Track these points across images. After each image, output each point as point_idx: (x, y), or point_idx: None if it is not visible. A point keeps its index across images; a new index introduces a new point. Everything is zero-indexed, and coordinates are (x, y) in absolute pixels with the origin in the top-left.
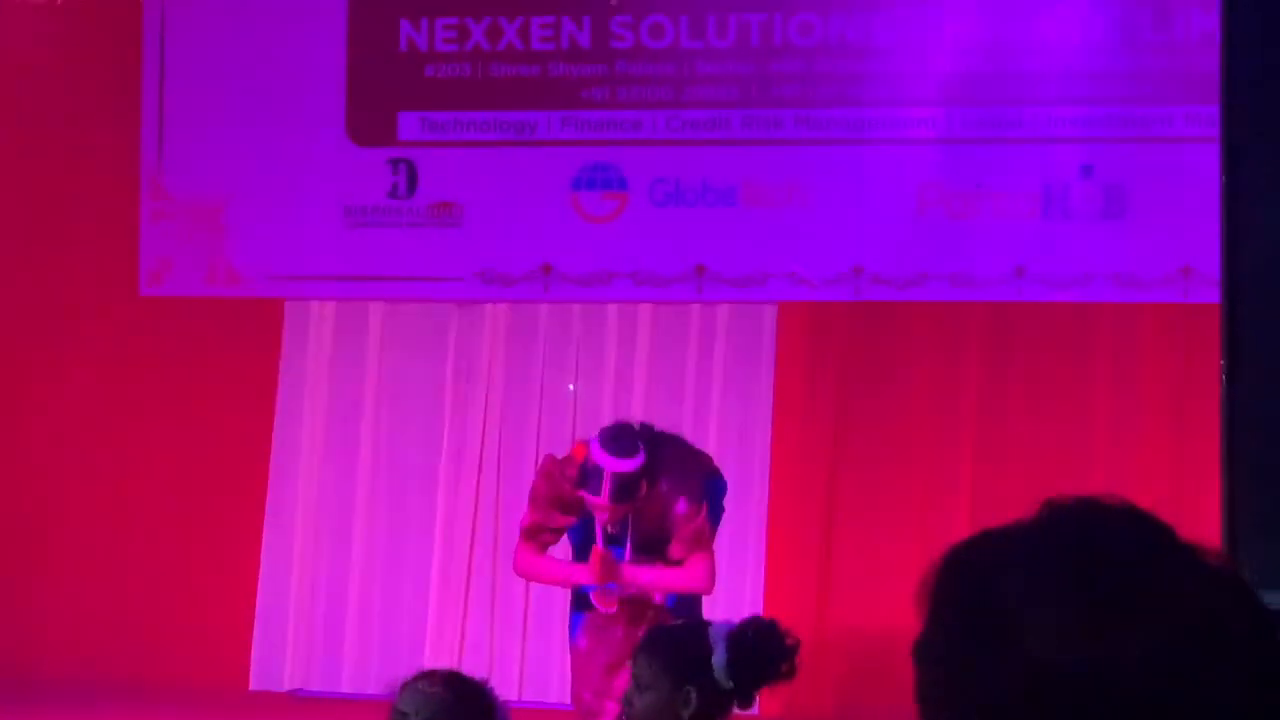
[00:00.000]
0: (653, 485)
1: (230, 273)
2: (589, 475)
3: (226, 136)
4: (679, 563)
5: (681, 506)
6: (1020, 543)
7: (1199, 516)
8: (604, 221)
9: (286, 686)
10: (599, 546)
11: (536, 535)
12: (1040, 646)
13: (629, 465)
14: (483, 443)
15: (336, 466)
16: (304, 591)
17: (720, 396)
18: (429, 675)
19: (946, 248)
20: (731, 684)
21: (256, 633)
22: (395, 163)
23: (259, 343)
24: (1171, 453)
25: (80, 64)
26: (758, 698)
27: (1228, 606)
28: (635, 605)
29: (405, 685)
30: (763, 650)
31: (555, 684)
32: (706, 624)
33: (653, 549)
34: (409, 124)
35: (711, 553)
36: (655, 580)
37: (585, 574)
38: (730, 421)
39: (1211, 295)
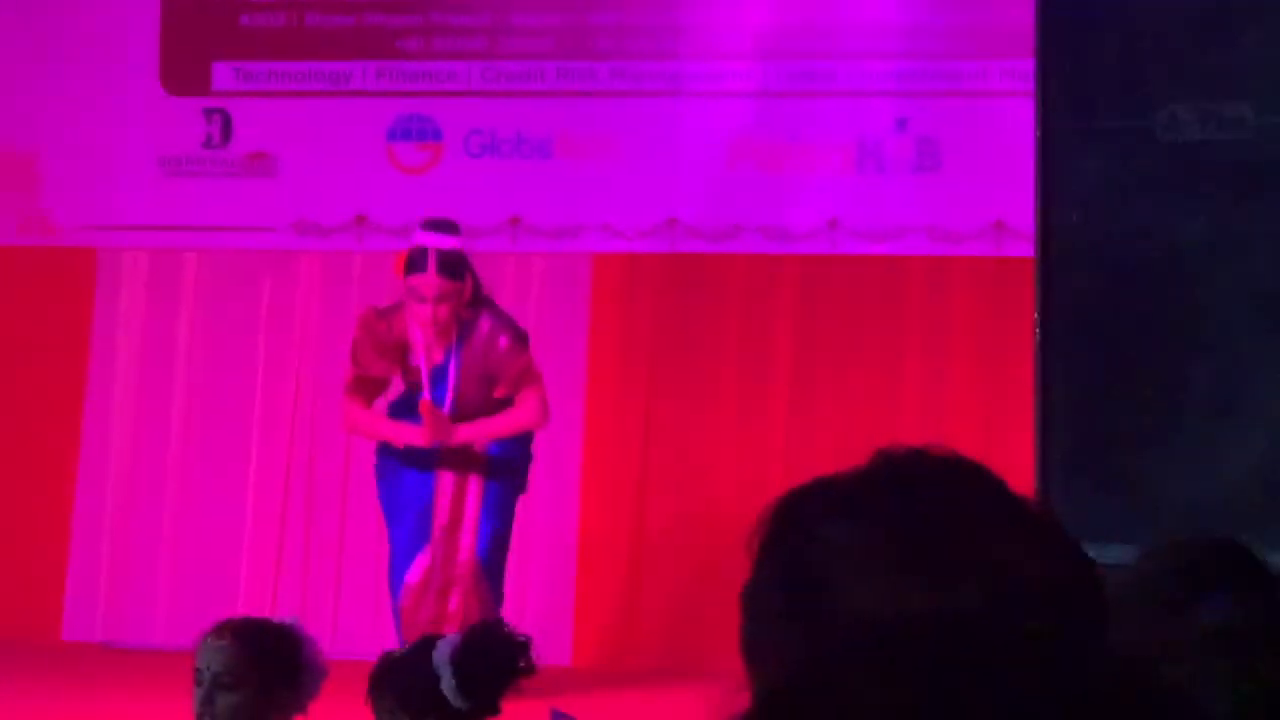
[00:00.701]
0: (476, 307)
1: (44, 222)
2: (414, 261)
3: (39, 85)
4: (507, 402)
5: (504, 342)
6: (846, 492)
7: (1010, 468)
8: (419, 172)
9: (99, 638)
10: (426, 397)
11: (361, 388)
12: (859, 598)
13: (452, 242)
14: (296, 393)
15: (149, 416)
16: (116, 542)
17: (534, 348)
18: (219, 628)
19: (760, 200)
20: (469, 702)
21: (69, 583)
22: (209, 112)
23: (72, 292)
24: (983, 405)
25: None
26: (502, 703)
27: (1051, 559)
28: (460, 455)
29: (200, 639)
30: (490, 660)
31: (370, 635)
32: (430, 645)
33: (475, 412)
34: (223, 74)
35: (540, 386)
36: (487, 429)
37: (415, 433)
38: (544, 373)
39: (1023, 249)
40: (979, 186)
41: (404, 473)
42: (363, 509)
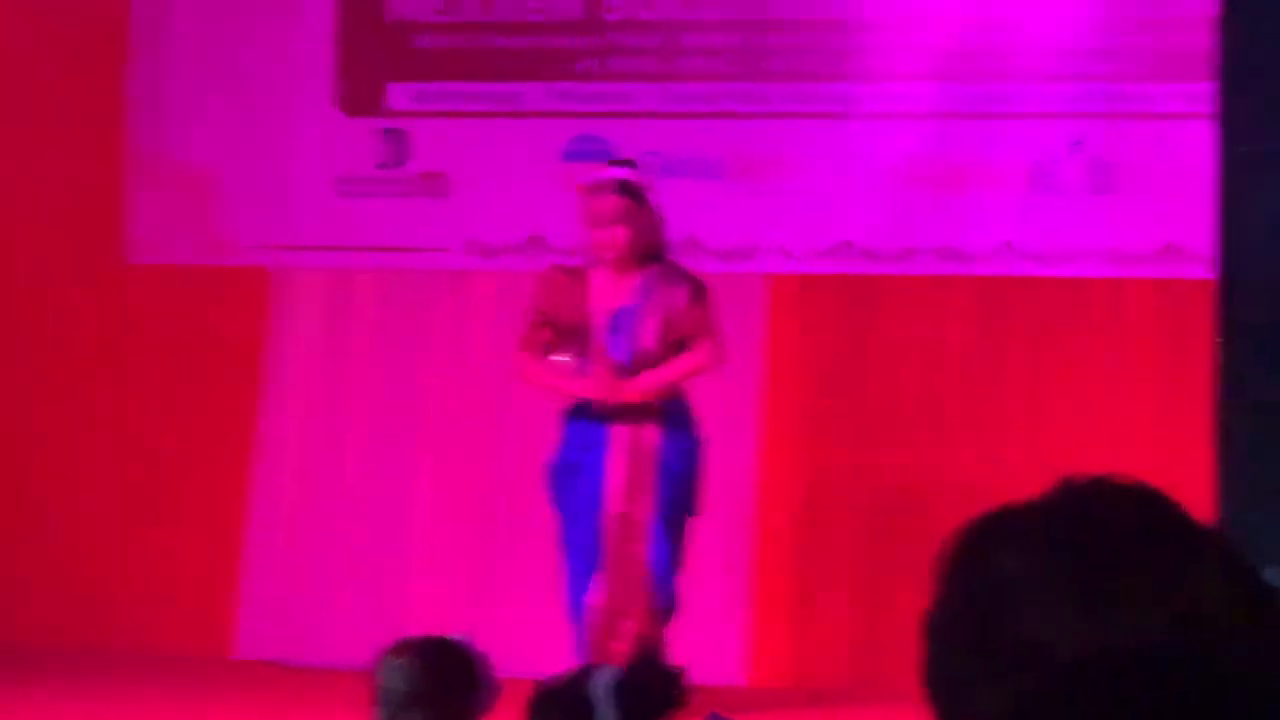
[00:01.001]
0: (656, 258)
1: (218, 241)
2: (594, 185)
3: (216, 105)
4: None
5: (683, 295)
6: (1027, 521)
7: (1187, 491)
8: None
9: (270, 655)
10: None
11: (535, 337)
12: (1037, 628)
13: (630, 173)
14: (468, 411)
15: (323, 434)
16: (289, 559)
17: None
18: (399, 646)
19: (935, 222)
20: None
21: (240, 601)
22: (385, 133)
23: (247, 312)
24: (1160, 427)
25: (66, 29)
26: None
27: (1236, 588)
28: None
29: (380, 657)
30: (649, 695)
31: (539, 653)
32: (589, 676)
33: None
34: (398, 94)
35: (718, 333)
36: (659, 377)
37: (588, 386)
38: (718, 393)
39: (1196, 271)
40: (1153, 208)
41: (578, 483)
42: (533, 525)
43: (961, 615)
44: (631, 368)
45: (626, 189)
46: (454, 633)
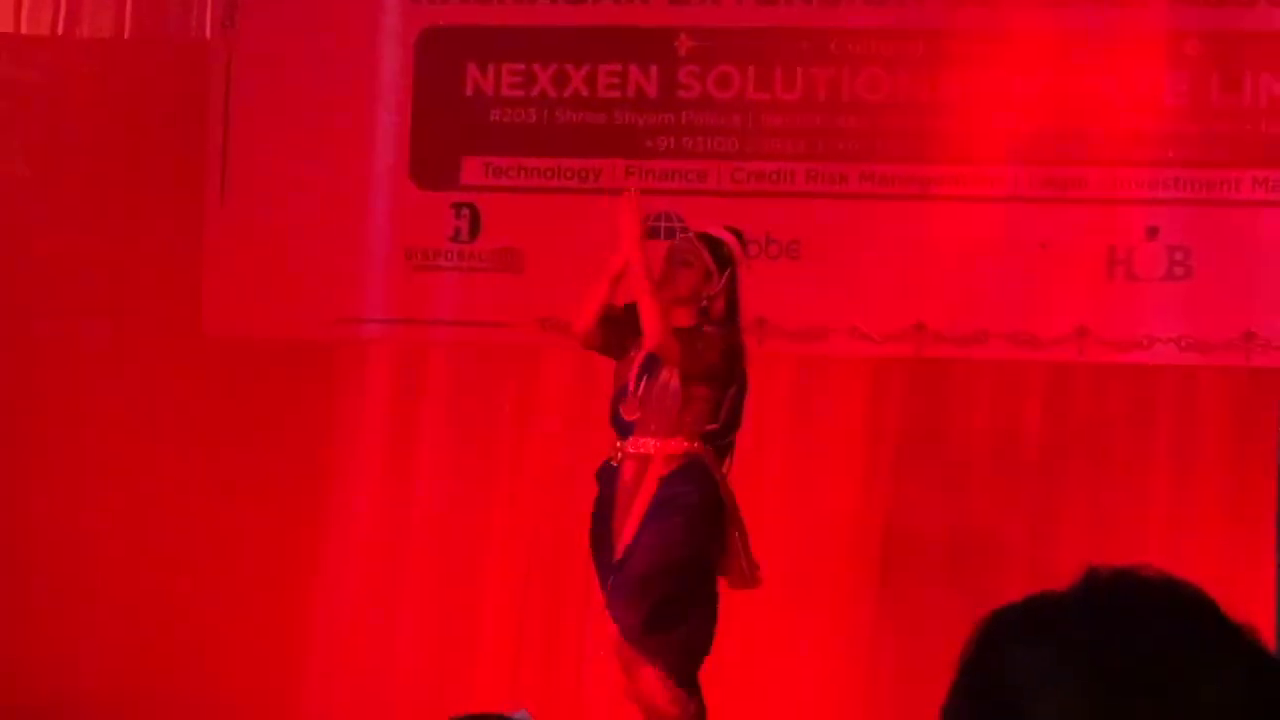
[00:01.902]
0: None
1: (291, 312)
2: None
3: (289, 175)
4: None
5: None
6: (1045, 612)
7: (1254, 586)
8: None
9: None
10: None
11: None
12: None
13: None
14: (539, 488)
15: (392, 508)
16: (357, 635)
17: (781, 451)
18: None
19: (1009, 306)
20: None
21: (308, 672)
22: (458, 206)
23: (318, 385)
24: (1229, 519)
25: (144, 100)
26: None
27: (1254, 690)
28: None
29: None
30: None
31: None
32: None
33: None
34: (473, 168)
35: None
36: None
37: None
38: (789, 476)
39: (1273, 360)
40: (1230, 296)
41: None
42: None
43: (977, 707)
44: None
45: (708, 241)
46: (516, 712)
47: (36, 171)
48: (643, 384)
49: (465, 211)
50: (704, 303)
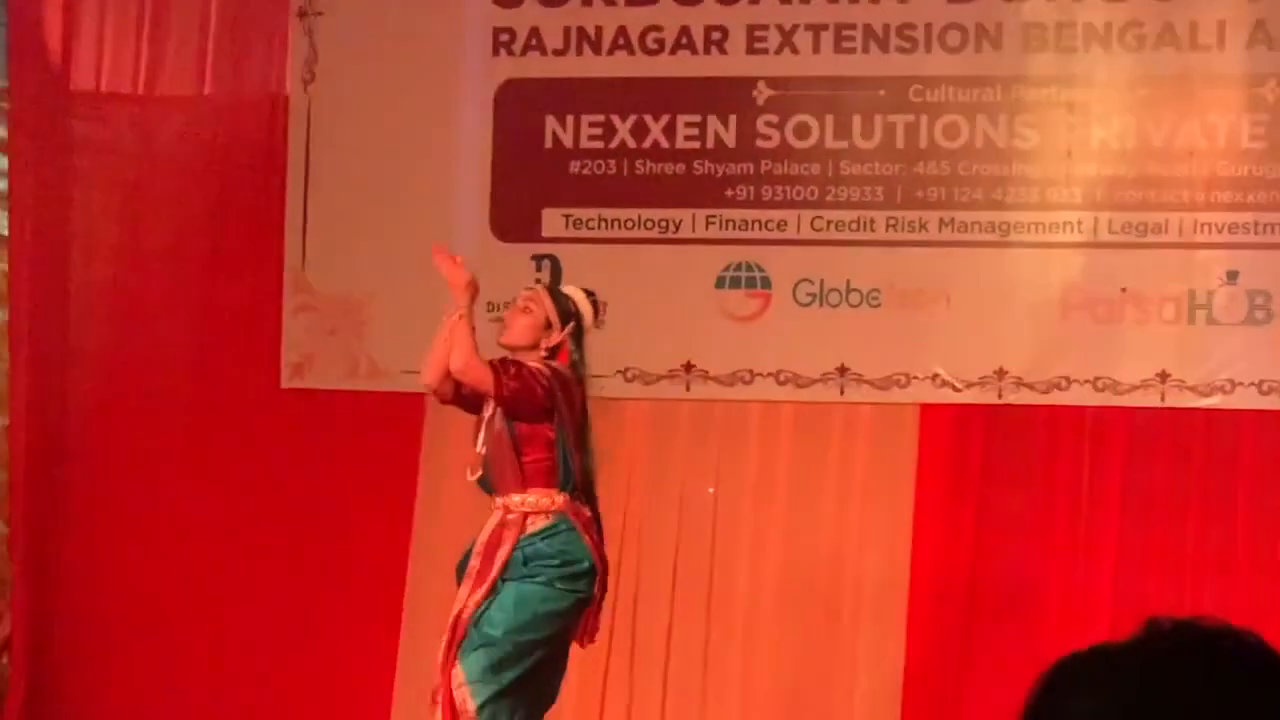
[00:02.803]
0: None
1: (372, 366)
2: None
3: (370, 230)
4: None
5: None
6: (1104, 662)
7: None
8: (748, 320)
9: None
10: None
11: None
12: None
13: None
14: (621, 545)
15: None
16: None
17: (862, 498)
18: None
19: (1090, 352)
20: None
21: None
22: (539, 258)
23: (399, 438)
24: None
25: (225, 157)
26: None
27: None
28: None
29: None
30: None
31: None
32: None
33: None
34: (553, 220)
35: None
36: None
37: None
38: (872, 524)
39: None
40: None
41: None
42: (686, 655)
43: None
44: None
45: (554, 293)
46: None
47: (118, 228)
48: (485, 440)
49: (546, 263)
50: (544, 353)
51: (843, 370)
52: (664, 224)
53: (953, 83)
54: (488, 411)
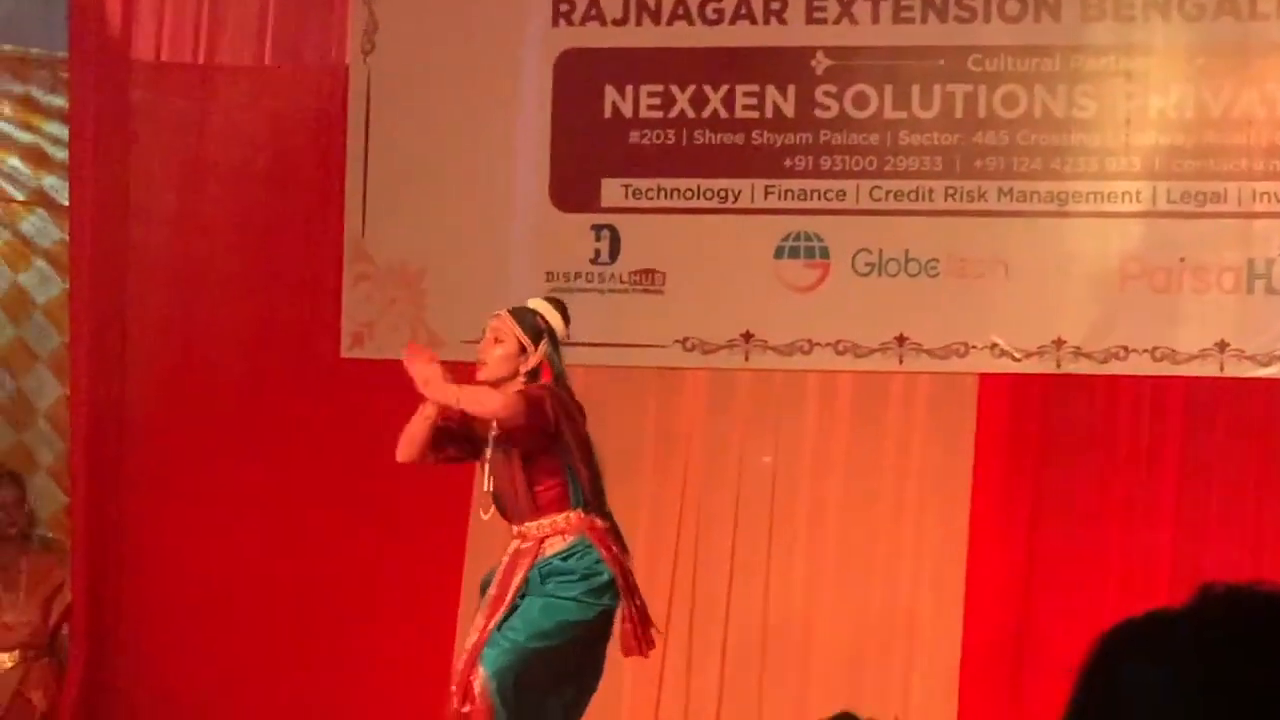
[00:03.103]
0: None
1: (431, 336)
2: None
3: (429, 200)
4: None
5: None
6: (1160, 629)
7: None
8: (806, 290)
9: None
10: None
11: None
12: None
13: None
14: (680, 514)
15: None
16: None
17: (919, 468)
18: None
19: (1148, 321)
20: None
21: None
22: (598, 228)
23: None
24: None
25: (285, 127)
26: None
27: None
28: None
29: None
30: None
31: None
32: None
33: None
34: (612, 190)
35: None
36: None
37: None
38: (930, 493)
39: None
40: None
41: None
42: (744, 627)
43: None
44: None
45: (518, 315)
46: None
47: (178, 198)
48: (491, 478)
49: (605, 233)
50: (524, 378)
51: (901, 340)
52: (723, 194)
53: (1011, 52)
54: (489, 452)
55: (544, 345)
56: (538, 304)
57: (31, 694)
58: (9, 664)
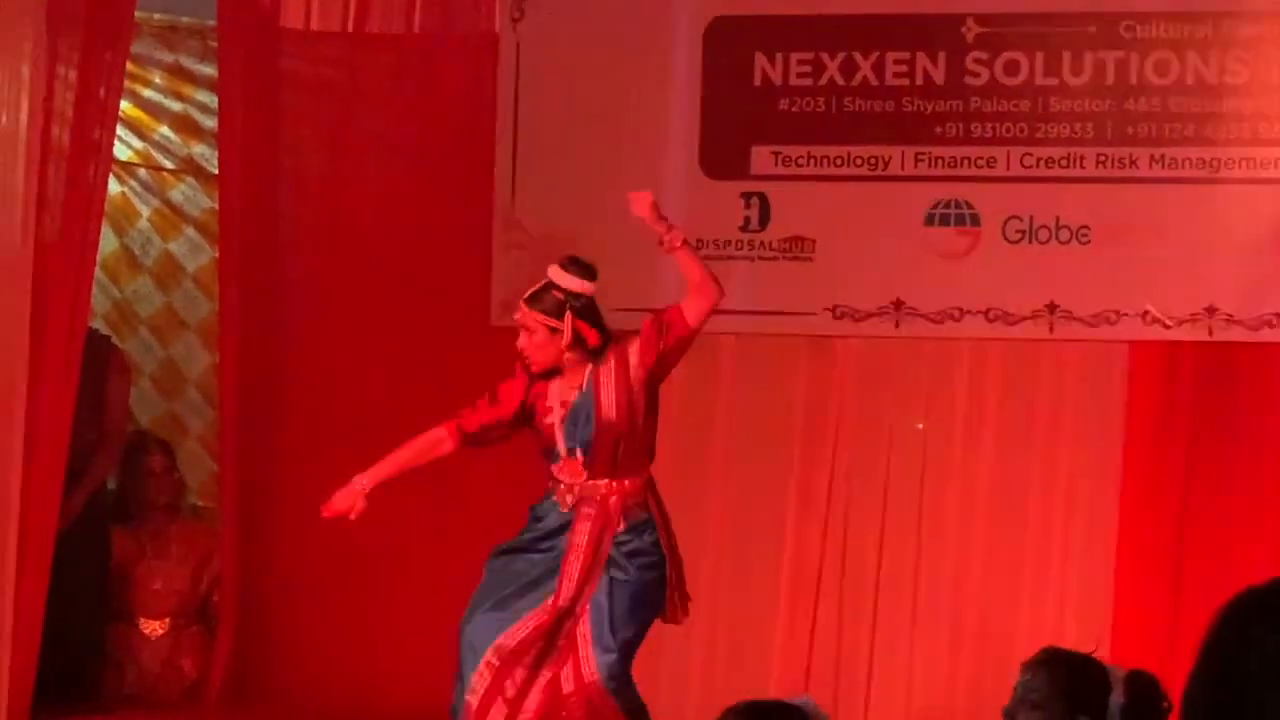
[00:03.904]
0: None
1: None
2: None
3: (579, 168)
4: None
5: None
6: None
7: None
8: (956, 258)
9: None
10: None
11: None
12: (1276, 703)
13: (567, 280)
14: (831, 476)
15: (683, 499)
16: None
17: (1071, 436)
18: (729, 711)
19: None
20: None
21: None
22: (748, 196)
23: None
24: None
25: (434, 95)
26: None
27: None
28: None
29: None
30: (1154, 704)
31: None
32: (1101, 661)
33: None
34: (762, 158)
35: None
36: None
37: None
38: (1080, 461)
39: None
40: None
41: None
42: (895, 594)
43: (1218, 690)
44: (593, 450)
45: (534, 301)
46: (797, 697)
47: (327, 166)
48: (574, 442)
49: (755, 200)
50: (569, 354)
51: (1052, 307)
52: (873, 161)
53: (1163, 18)
54: (558, 414)
55: (568, 316)
56: (552, 272)
57: (182, 661)
58: (160, 631)
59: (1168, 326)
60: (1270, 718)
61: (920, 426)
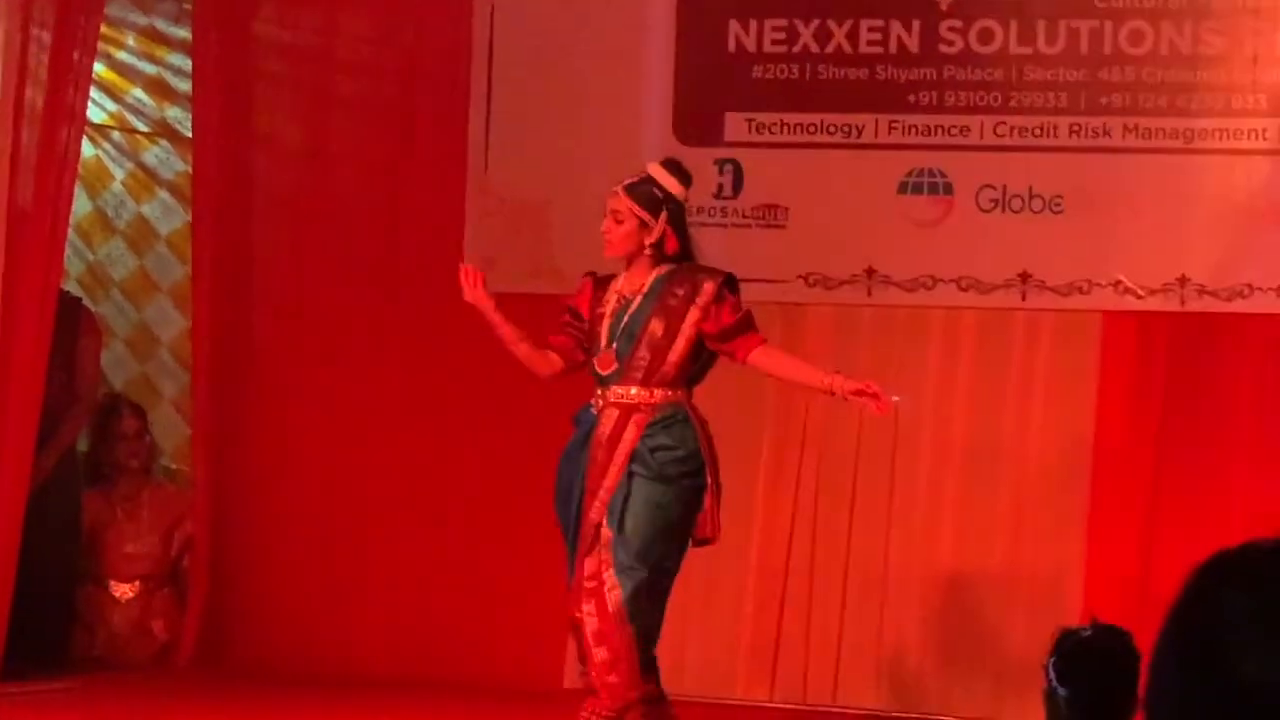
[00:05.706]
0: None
1: (554, 270)
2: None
3: (552, 134)
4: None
5: (709, 287)
6: (1258, 558)
7: None
8: (929, 226)
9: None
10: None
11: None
12: (1257, 668)
13: (665, 177)
14: (802, 449)
15: None
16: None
17: (1043, 405)
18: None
19: (1274, 259)
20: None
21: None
22: (721, 163)
23: None
24: None
25: (409, 60)
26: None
27: None
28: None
29: None
30: (1126, 661)
31: (870, 690)
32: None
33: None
34: (736, 124)
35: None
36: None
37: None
38: (1053, 431)
39: None
40: None
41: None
42: (866, 562)
43: (1185, 650)
44: (631, 351)
45: (634, 191)
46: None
47: (301, 130)
48: (616, 338)
49: (728, 168)
50: (650, 251)
51: (1025, 276)
52: (846, 129)
53: None
54: (612, 305)
55: (663, 216)
56: (654, 170)
57: (153, 624)
58: (130, 594)
59: (1140, 296)
60: (1241, 679)
61: (897, 400)
